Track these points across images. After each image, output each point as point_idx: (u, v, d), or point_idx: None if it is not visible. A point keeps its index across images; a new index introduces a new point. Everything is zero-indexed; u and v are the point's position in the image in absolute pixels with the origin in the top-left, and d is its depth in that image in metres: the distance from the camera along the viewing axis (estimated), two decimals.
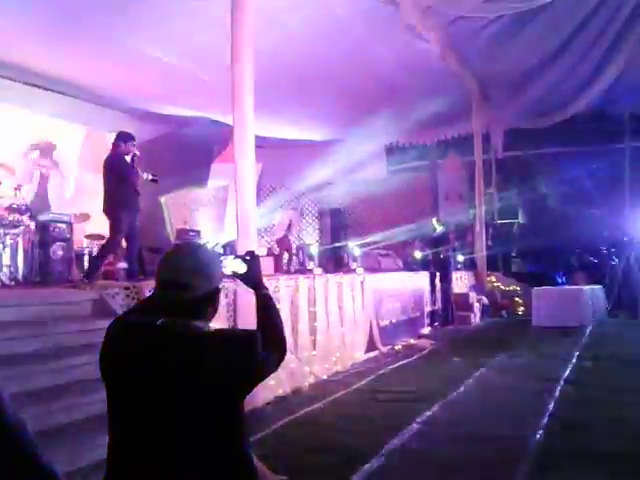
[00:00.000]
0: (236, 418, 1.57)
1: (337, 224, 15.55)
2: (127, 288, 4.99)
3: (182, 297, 1.57)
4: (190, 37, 7.98)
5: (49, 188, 9.84)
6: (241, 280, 1.89)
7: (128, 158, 6.49)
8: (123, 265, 8.07)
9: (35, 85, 9.35)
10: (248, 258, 1.87)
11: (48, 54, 8.26)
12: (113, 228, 6.34)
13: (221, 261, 1.78)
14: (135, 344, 1.58)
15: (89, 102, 10.18)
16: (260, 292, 1.84)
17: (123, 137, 6.56)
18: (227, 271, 1.83)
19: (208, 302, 1.64)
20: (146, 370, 1.53)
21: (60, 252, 7.04)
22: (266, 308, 1.81)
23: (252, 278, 1.86)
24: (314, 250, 13.01)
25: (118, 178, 6.35)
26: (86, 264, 8.09)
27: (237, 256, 1.91)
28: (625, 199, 13.71)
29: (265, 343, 1.62)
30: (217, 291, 1.67)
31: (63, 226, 7.31)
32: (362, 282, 8.20)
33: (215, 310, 1.69)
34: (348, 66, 9.99)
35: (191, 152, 12.21)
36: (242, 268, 1.85)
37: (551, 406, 5.21)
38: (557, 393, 5.68)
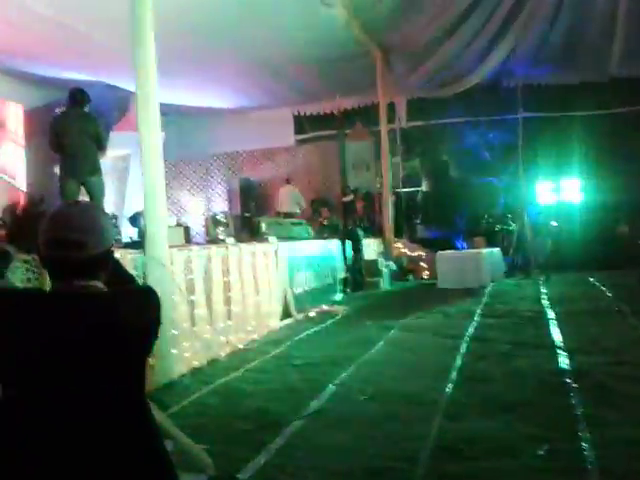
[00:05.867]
0: (143, 377, 1.53)
1: (246, 193, 15.39)
2: (26, 262, 4.67)
3: (75, 257, 1.44)
4: None
5: None
6: None
7: None
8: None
9: None
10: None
11: None
12: None
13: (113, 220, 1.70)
14: (27, 315, 1.40)
15: None
16: None
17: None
18: None
19: (102, 262, 1.53)
20: (46, 343, 1.38)
21: None
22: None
23: None
24: (224, 219, 12.72)
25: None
26: None
27: None
28: (518, 168, 14.53)
29: None
30: (110, 252, 1.57)
31: None
32: (275, 251, 8.19)
33: (107, 273, 1.58)
34: (253, 33, 9.78)
35: None
36: None
37: (458, 361, 5.52)
38: (462, 349, 6.02)
